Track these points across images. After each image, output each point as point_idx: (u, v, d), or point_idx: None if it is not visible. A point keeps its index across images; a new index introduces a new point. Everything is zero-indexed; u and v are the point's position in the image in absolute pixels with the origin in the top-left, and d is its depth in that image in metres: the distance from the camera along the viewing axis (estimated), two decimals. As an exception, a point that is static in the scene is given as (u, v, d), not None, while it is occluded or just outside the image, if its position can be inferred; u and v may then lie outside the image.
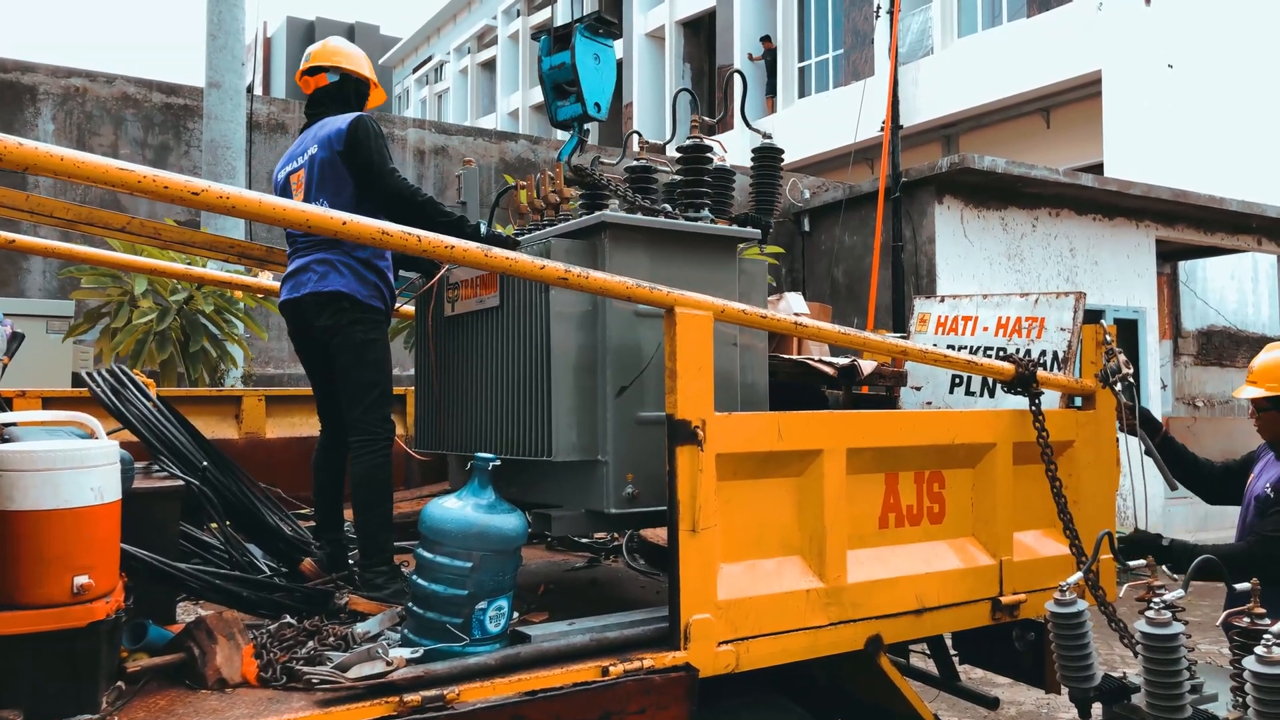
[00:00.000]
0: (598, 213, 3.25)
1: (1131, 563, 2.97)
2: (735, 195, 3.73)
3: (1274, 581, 3.25)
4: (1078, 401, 3.82)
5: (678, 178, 3.65)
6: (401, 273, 3.68)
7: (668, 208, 3.50)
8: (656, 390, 3.04)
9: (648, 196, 3.53)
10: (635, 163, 3.62)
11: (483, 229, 3.35)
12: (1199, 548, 3.44)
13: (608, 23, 3.45)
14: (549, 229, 3.50)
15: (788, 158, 4.35)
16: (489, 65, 36.05)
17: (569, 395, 3.06)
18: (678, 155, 3.65)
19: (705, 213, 3.52)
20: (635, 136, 3.87)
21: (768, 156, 3.88)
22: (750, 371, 3.46)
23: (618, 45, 26.91)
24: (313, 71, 3.55)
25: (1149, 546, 3.52)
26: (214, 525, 3.26)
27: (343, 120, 3.33)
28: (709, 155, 3.64)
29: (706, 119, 3.73)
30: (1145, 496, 4.08)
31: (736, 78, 4.12)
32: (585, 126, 3.50)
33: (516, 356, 3.25)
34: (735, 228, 3.53)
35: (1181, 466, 4.00)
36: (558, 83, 3.48)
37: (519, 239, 3.46)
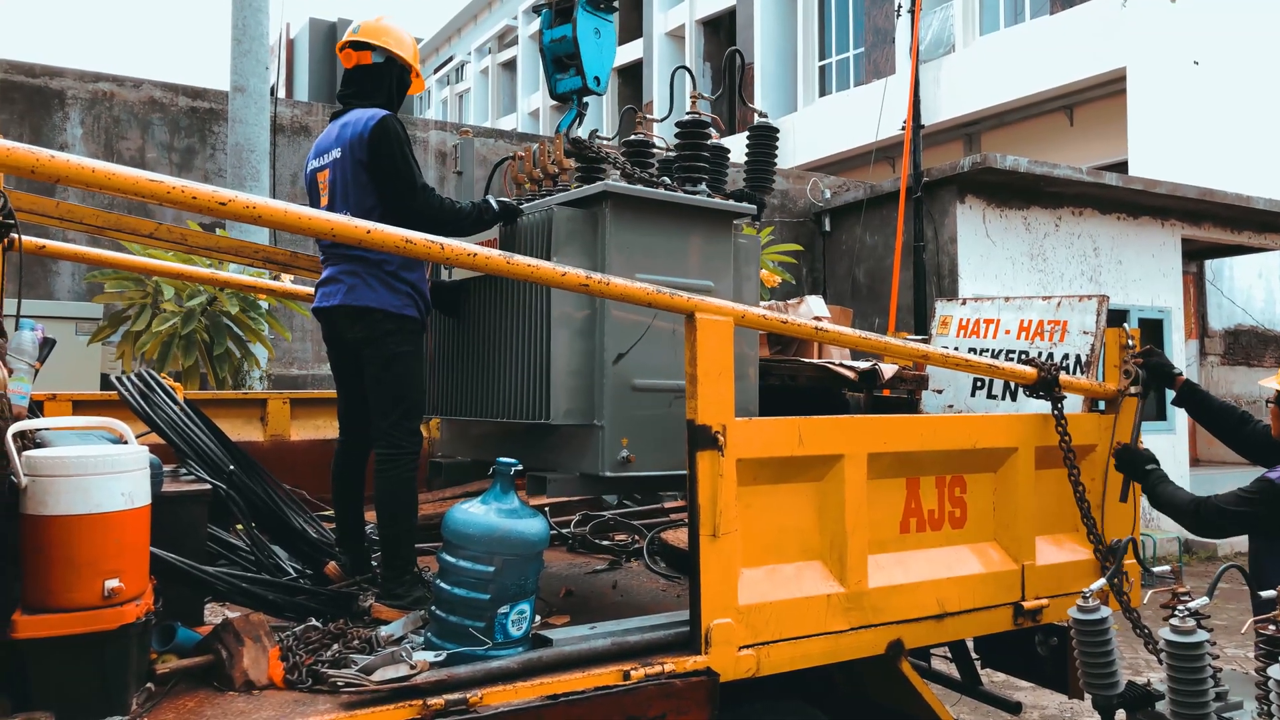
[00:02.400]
0: (600, 182, 3.29)
1: (1157, 570, 2.95)
2: (729, 172, 3.80)
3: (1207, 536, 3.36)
4: (1101, 405, 3.79)
5: (674, 153, 3.70)
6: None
7: (666, 180, 3.54)
8: (653, 357, 3.15)
9: (645, 170, 3.57)
10: (633, 137, 3.66)
11: (492, 204, 3.38)
12: (1174, 487, 3.46)
13: None
14: (548, 198, 3.52)
15: (808, 157, 4.41)
16: (509, 65, 36.14)
17: (567, 361, 3.13)
18: (676, 130, 3.70)
19: (703, 187, 3.57)
20: (632, 112, 3.91)
21: (763, 135, 3.96)
22: (742, 344, 3.44)
23: (638, 44, 27.02)
24: (357, 46, 3.39)
25: (1133, 465, 3.57)
26: (240, 527, 3.30)
27: (366, 121, 3.23)
28: (707, 131, 3.68)
29: (705, 95, 3.79)
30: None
31: (736, 58, 4.16)
32: (585, 100, 3.54)
33: (516, 322, 3.31)
34: (732, 202, 3.58)
35: (1209, 417, 3.82)
36: (558, 56, 3.54)
37: (521, 207, 3.49)
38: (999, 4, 18.59)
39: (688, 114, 3.71)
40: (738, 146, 4.04)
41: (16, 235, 2.55)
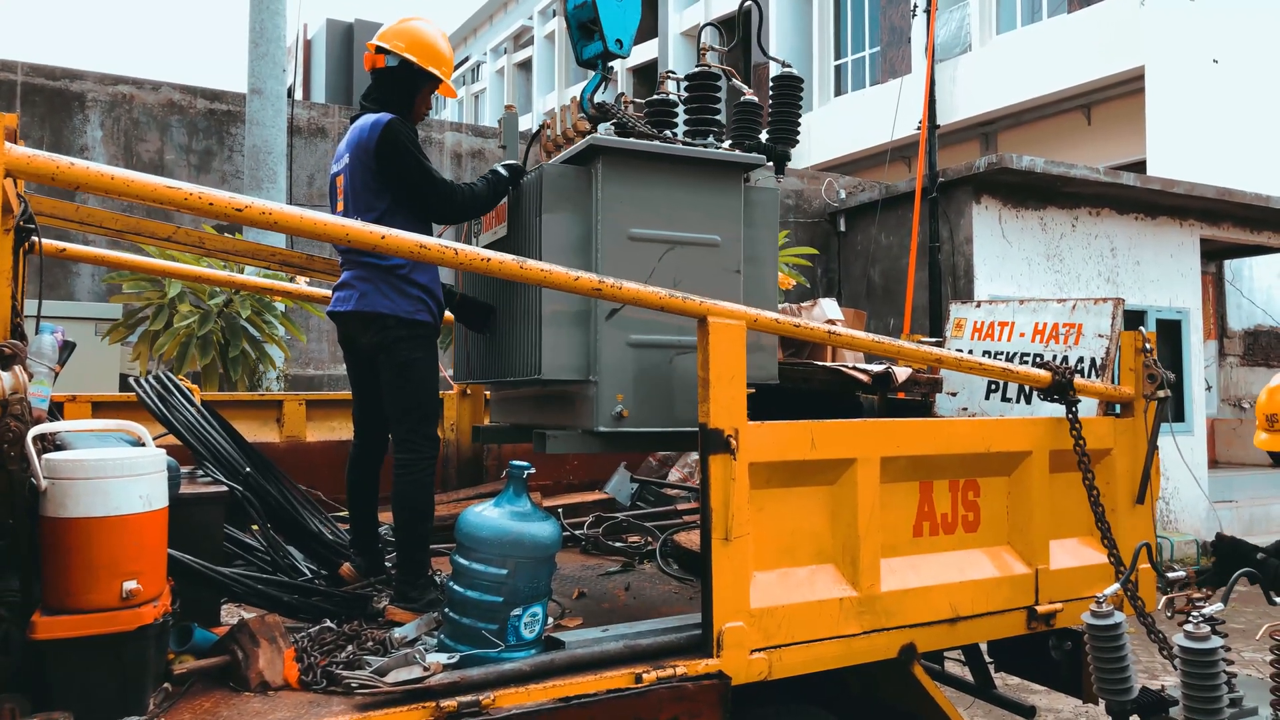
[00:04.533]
0: (589, 136, 3.23)
1: (1171, 575, 2.93)
2: (760, 127, 3.74)
3: None
4: (1117, 409, 3.78)
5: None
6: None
7: (669, 134, 3.46)
8: (645, 313, 3.10)
9: (669, 129, 3.51)
10: (655, 96, 3.61)
11: (501, 171, 3.39)
12: None
13: None
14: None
15: (823, 157, 4.40)
16: (525, 65, 36.21)
17: (559, 316, 3.12)
18: (685, 83, 3.65)
19: (710, 140, 3.49)
20: (666, 74, 3.86)
21: (786, 85, 3.87)
22: (760, 299, 3.45)
23: (653, 44, 27.04)
24: (378, 49, 3.39)
25: (1241, 559, 3.34)
26: (255, 528, 3.33)
27: (371, 126, 3.25)
28: (716, 83, 3.62)
29: (717, 47, 3.76)
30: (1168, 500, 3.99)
31: (753, 9, 4.11)
32: (609, 64, 3.49)
33: (512, 284, 3.32)
34: (738, 153, 3.48)
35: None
36: (581, 22, 3.49)
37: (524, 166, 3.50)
38: (1016, 3, 18.50)
39: (697, 66, 3.68)
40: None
41: (37, 239, 2.59)
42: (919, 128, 11.80)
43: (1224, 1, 15.58)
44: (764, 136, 3.82)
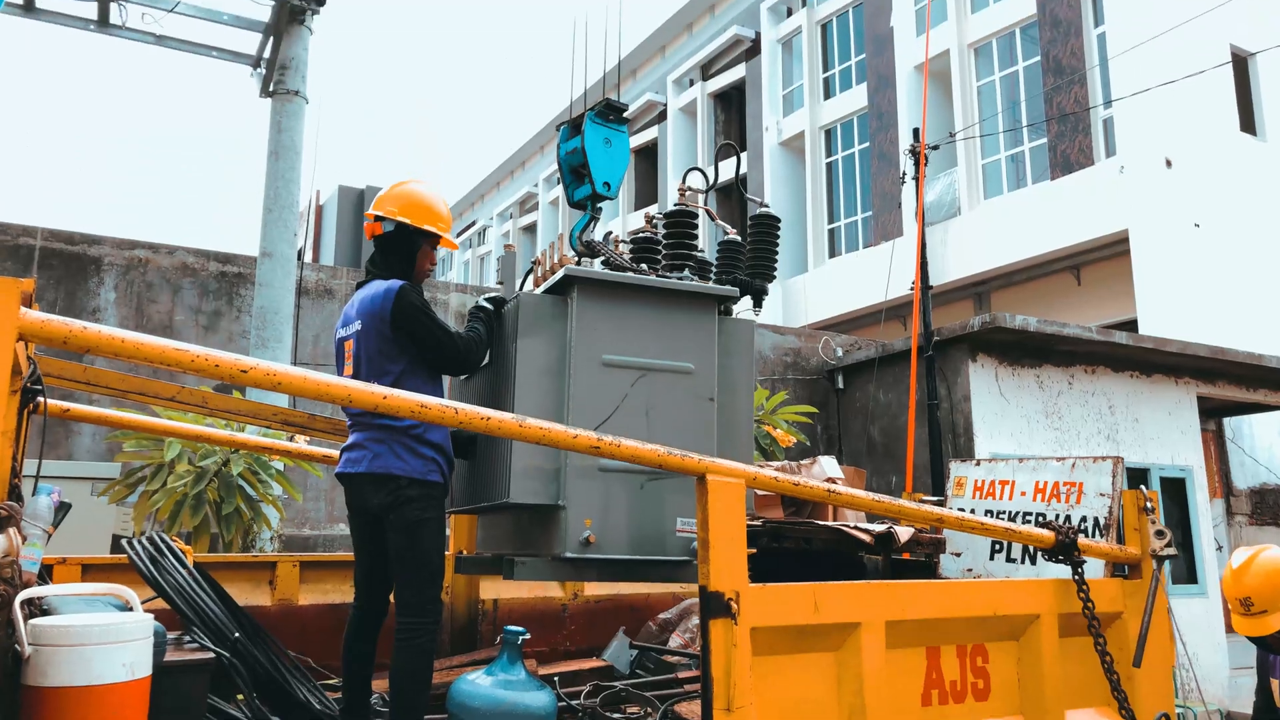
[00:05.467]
0: (565, 268, 3.36)
1: None
2: (741, 263, 3.91)
3: None
4: (1125, 570, 3.71)
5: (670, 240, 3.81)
6: None
7: (644, 267, 3.62)
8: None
9: (653, 265, 3.67)
10: (640, 234, 3.79)
11: (485, 304, 3.51)
12: None
13: (617, 109, 3.69)
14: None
15: (819, 315, 4.56)
16: (530, 229, 37.49)
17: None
18: (663, 220, 3.83)
19: (686, 273, 3.64)
20: (646, 213, 4.06)
21: (763, 223, 4.05)
22: (733, 429, 3.50)
23: (653, 126, 28.25)
24: (377, 217, 3.48)
25: None
26: (241, 697, 3.21)
27: (384, 295, 3.33)
28: (693, 220, 3.81)
29: (694, 188, 3.96)
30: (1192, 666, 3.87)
31: (729, 147, 4.36)
32: (598, 205, 3.68)
33: (491, 405, 3.31)
34: (710, 285, 3.61)
35: None
36: (573, 167, 3.71)
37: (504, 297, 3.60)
38: (1001, 170, 19.33)
39: (675, 205, 3.88)
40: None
41: (43, 399, 2.62)
42: (912, 288, 12.10)
43: (1201, 169, 16.27)
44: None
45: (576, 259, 3.64)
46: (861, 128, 22.77)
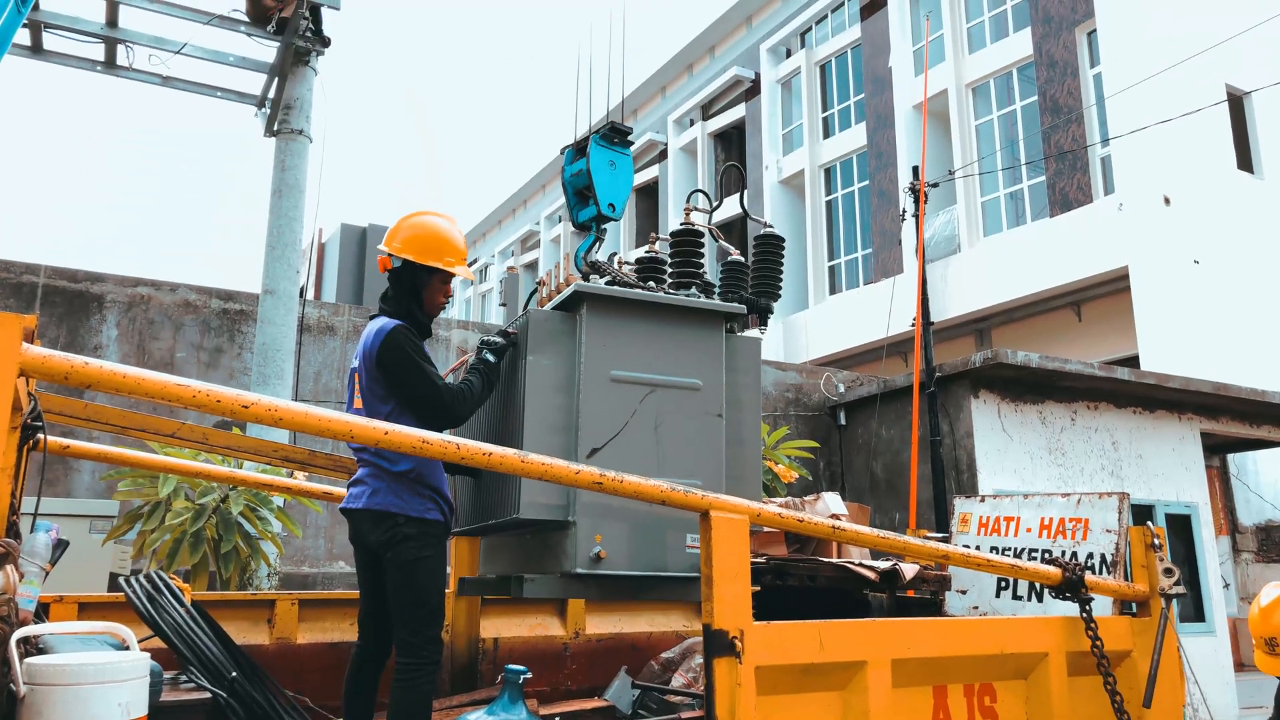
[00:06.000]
0: (574, 284, 3.37)
1: None
2: (746, 283, 3.94)
3: None
4: (1133, 608, 3.67)
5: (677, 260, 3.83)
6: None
7: (651, 285, 3.62)
8: (632, 452, 3.16)
9: (659, 284, 3.68)
10: (644, 255, 3.80)
11: (488, 356, 3.41)
12: None
13: (622, 132, 3.73)
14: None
15: (820, 352, 4.57)
16: (531, 266, 37.64)
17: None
18: (670, 240, 3.85)
19: (694, 291, 3.65)
20: (652, 235, 4.07)
21: (768, 243, 4.09)
22: (741, 445, 3.50)
23: (654, 166, 28.47)
24: (386, 252, 3.46)
25: None
26: (238, 738, 3.16)
27: (376, 334, 3.32)
28: (698, 239, 3.83)
29: (700, 209, 3.99)
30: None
31: (733, 169, 4.42)
32: (602, 226, 3.70)
33: (500, 421, 3.35)
34: (716, 301, 3.63)
35: None
36: (578, 189, 3.75)
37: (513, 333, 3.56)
38: (1000, 208, 19.43)
39: (681, 224, 3.90)
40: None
41: (43, 436, 2.61)
42: (913, 325, 12.11)
43: (1200, 207, 16.35)
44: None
45: (582, 278, 3.62)
46: (861, 166, 22.94)
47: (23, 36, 8.16)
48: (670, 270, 3.81)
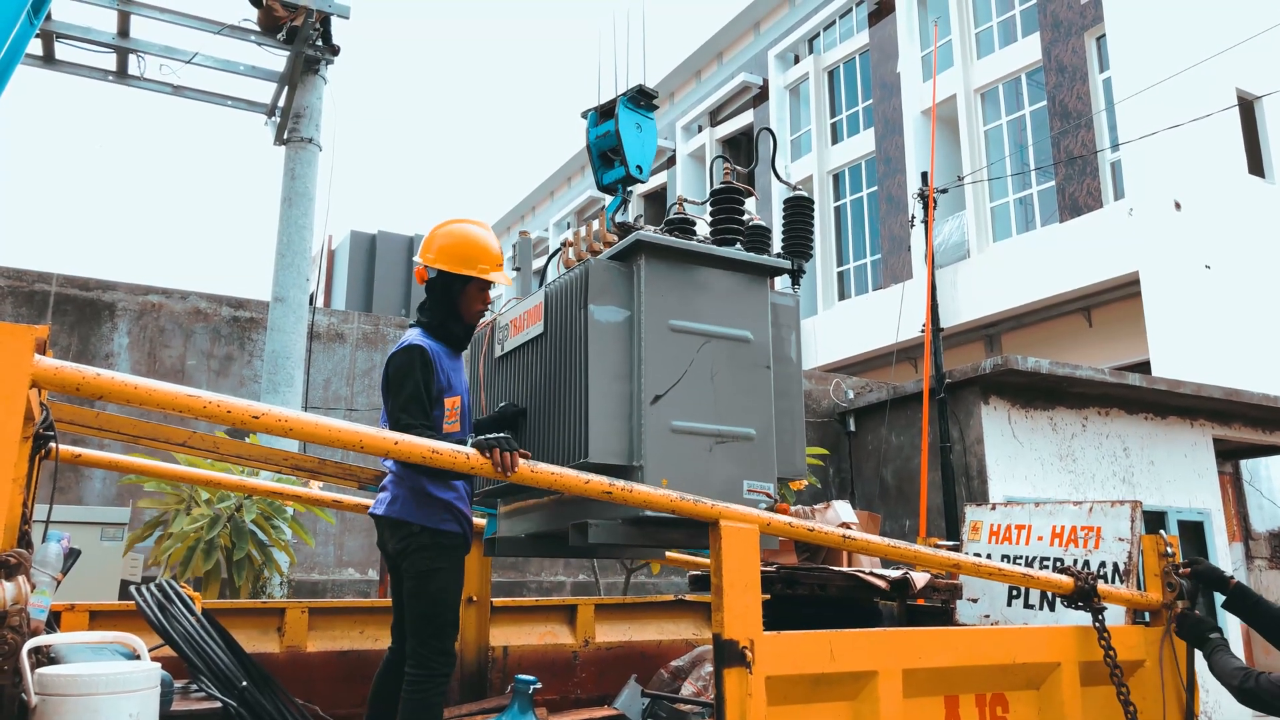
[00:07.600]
0: (634, 233, 3.38)
1: None
2: (769, 246, 3.97)
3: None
4: (1146, 617, 3.64)
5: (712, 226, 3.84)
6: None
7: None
8: (691, 400, 3.22)
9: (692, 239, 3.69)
10: (673, 215, 3.80)
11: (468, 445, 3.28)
12: (1229, 655, 3.31)
13: (649, 95, 3.76)
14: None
15: (830, 358, 4.55)
16: (540, 273, 37.72)
17: (605, 401, 3.15)
18: (711, 198, 3.86)
19: (737, 247, 3.67)
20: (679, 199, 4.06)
21: (798, 205, 4.14)
22: (786, 398, 3.58)
23: (662, 172, 28.43)
24: (421, 263, 3.47)
25: (1195, 632, 3.47)
26: (248, 748, 3.16)
27: (395, 347, 3.37)
28: (740, 197, 3.85)
29: (740, 169, 4.00)
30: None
31: (765, 134, 4.42)
32: (629, 188, 3.73)
33: (558, 371, 3.34)
34: (766, 256, 3.69)
35: (1263, 621, 3.62)
36: (603, 151, 3.77)
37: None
38: (1010, 213, 19.38)
39: (721, 183, 3.93)
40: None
41: (54, 445, 2.61)
42: (923, 330, 12.08)
43: (1211, 211, 16.28)
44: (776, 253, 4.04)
45: (619, 236, 3.60)
46: (869, 172, 22.91)
47: (35, 46, 8.21)
48: (712, 227, 3.84)
